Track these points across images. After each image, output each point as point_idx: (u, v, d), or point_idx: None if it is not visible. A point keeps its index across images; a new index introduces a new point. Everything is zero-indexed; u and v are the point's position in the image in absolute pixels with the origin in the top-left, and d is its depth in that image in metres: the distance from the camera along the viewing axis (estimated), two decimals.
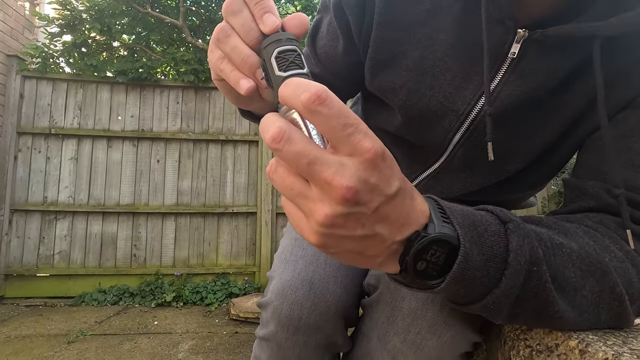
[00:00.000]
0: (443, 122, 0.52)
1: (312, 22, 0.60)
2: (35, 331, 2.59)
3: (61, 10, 3.65)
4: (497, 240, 0.32)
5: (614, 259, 0.36)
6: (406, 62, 0.51)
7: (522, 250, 0.32)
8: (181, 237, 3.58)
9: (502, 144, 0.50)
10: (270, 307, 0.58)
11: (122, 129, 3.59)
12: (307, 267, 0.59)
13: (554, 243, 0.34)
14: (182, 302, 3.28)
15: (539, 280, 0.33)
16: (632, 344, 0.38)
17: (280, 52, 0.31)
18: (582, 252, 0.35)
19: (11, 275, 3.30)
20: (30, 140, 3.44)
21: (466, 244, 0.31)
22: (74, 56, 3.73)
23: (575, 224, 0.40)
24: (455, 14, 0.46)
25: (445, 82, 0.49)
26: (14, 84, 3.41)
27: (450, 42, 0.47)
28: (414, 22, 0.49)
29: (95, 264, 3.43)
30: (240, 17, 0.34)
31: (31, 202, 3.39)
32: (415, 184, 0.64)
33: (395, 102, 0.54)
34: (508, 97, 0.46)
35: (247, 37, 0.34)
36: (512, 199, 0.68)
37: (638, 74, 0.42)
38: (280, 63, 0.31)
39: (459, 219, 0.32)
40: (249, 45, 0.34)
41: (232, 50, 0.34)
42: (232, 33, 0.34)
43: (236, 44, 0.34)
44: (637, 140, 0.41)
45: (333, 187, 0.25)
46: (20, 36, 3.74)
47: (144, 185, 3.58)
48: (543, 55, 0.44)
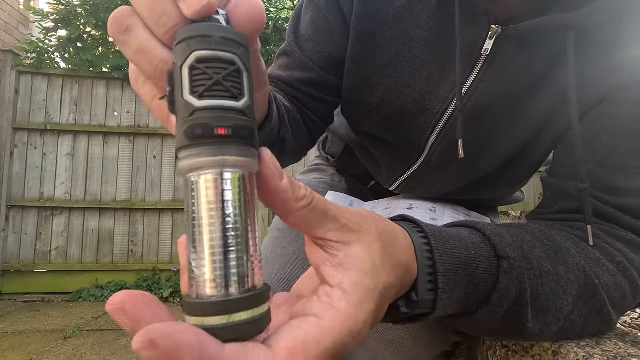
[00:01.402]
0: (419, 121, 0.51)
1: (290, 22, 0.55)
2: (32, 327, 2.60)
3: (56, 5, 3.62)
4: (487, 278, 0.31)
5: (605, 274, 0.36)
6: (382, 59, 0.49)
7: (508, 293, 0.31)
8: (178, 232, 3.58)
9: (477, 142, 0.50)
10: None
11: (118, 124, 3.57)
12: (286, 266, 0.59)
13: (543, 271, 0.33)
14: (179, 297, 3.28)
15: (519, 319, 0.33)
16: (604, 345, 0.37)
17: (200, 60, 0.18)
18: (572, 276, 0.34)
19: (8, 271, 3.31)
20: (26, 136, 3.43)
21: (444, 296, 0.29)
22: (70, 51, 3.70)
23: (565, 234, 0.39)
24: (431, 10, 0.45)
25: (422, 80, 0.48)
26: (9, 79, 3.40)
27: (426, 39, 0.46)
28: (390, 18, 0.47)
29: (92, 259, 3.44)
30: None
31: (28, 198, 3.39)
32: (396, 185, 0.64)
33: (373, 100, 0.52)
34: (484, 94, 0.45)
35: (159, 27, 0.20)
36: (493, 197, 0.68)
37: (609, 72, 0.41)
38: (196, 79, 0.18)
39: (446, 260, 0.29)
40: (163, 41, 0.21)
41: (138, 54, 0.21)
42: (135, 23, 0.21)
43: (143, 42, 0.21)
44: (611, 138, 0.40)
45: None
46: (15, 31, 3.71)
47: (140, 181, 3.57)
48: (517, 51, 0.43)
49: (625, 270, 0.37)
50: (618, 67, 0.40)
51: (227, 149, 0.18)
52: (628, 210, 0.39)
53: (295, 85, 0.54)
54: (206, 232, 0.18)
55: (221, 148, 0.18)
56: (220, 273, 0.18)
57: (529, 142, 0.50)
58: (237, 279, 0.18)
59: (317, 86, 0.54)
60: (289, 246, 0.62)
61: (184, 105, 0.18)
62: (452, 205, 0.65)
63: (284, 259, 0.60)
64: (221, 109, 0.18)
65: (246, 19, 0.21)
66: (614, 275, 0.36)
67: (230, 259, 0.18)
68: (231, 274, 0.18)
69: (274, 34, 4.14)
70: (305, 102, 0.55)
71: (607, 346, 0.37)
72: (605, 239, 0.38)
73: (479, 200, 0.68)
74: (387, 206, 0.69)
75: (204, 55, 0.18)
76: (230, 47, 0.19)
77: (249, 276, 0.19)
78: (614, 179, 0.39)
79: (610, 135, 0.40)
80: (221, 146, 0.18)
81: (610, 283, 0.36)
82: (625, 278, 0.37)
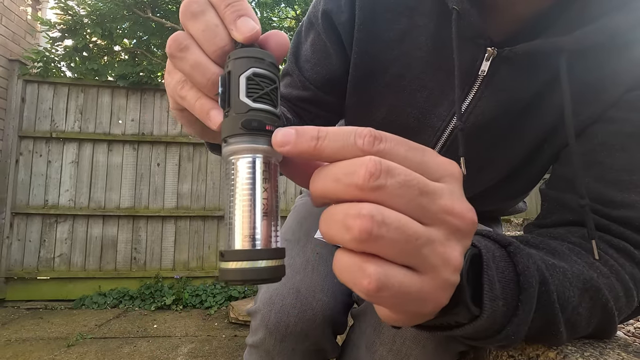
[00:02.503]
0: (421, 138, 0.53)
1: (292, 44, 0.58)
2: (35, 334, 2.60)
3: (63, 15, 3.69)
4: (505, 265, 0.30)
5: (600, 276, 0.37)
6: (384, 79, 0.52)
7: (530, 271, 0.30)
8: (181, 240, 3.59)
9: (478, 156, 0.52)
10: (258, 315, 0.59)
11: (122, 132, 3.61)
12: (294, 275, 0.60)
13: (548, 264, 0.33)
14: (181, 305, 3.29)
15: (547, 300, 0.32)
16: (607, 356, 0.38)
17: (256, 75, 0.24)
18: (575, 270, 0.35)
19: (12, 278, 3.32)
20: (32, 144, 3.47)
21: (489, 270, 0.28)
22: (75, 60, 3.76)
23: (559, 241, 0.40)
24: (430, 32, 0.47)
25: (422, 98, 0.50)
26: (16, 88, 3.44)
27: (426, 60, 0.48)
28: (391, 40, 0.49)
29: (95, 267, 3.45)
30: (203, 20, 0.25)
31: (32, 205, 3.42)
32: None
33: (376, 118, 0.55)
34: (483, 112, 0.48)
35: (211, 46, 0.26)
36: (496, 207, 0.69)
37: (605, 89, 0.42)
38: (251, 88, 0.24)
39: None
40: (213, 59, 0.26)
41: (194, 67, 0.26)
42: (191, 44, 0.26)
43: (198, 58, 0.26)
44: (607, 154, 0.41)
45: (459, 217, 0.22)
46: (22, 41, 3.77)
47: (144, 188, 3.60)
48: (513, 72, 0.45)
49: (617, 274, 0.38)
50: (611, 87, 0.42)
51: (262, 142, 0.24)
52: (623, 222, 0.40)
53: (294, 101, 0.58)
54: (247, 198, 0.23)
55: (268, 140, 0.24)
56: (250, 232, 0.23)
57: (530, 157, 0.52)
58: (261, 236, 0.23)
59: (314, 104, 0.58)
60: (297, 256, 0.63)
61: (240, 104, 0.24)
62: None
63: (293, 268, 0.61)
64: (268, 112, 0.25)
65: (276, 47, 0.27)
66: (608, 278, 0.37)
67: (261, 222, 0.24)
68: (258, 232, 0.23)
69: None
70: (304, 117, 0.59)
71: (611, 356, 0.38)
72: (598, 245, 0.39)
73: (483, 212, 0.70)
74: None
75: (258, 72, 0.25)
76: (274, 70, 0.26)
77: (271, 237, 0.24)
78: (610, 193, 0.41)
79: (606, 151, 0.42)
80: (268, 138, 0.24)
81: (607, 284, 0.37)
82: (618, 281, 0.38)
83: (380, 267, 0.20)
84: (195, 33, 0.26)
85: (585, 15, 0.39)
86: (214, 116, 0.26)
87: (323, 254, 0.65)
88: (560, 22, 0.41)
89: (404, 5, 0.48)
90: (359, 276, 0.20)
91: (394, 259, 0.20)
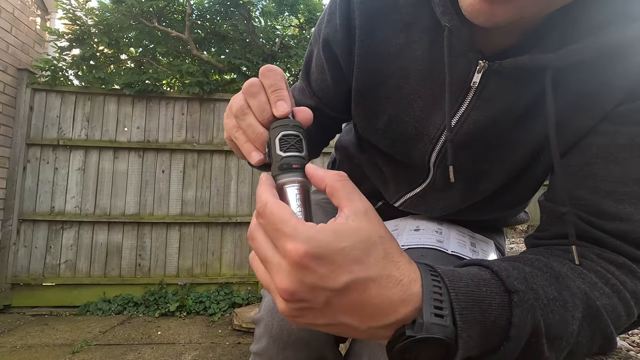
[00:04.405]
0: (419, 145, 0.55)
1: (305, 54, 0.65)
2: (41, 341, 2.62)
3: (71, 25, 3.76)
4: (501, 313, 0.32)
5: (602, 296, 0.37)
6: (385, 92, 0.54)
7: (525, 326, 0.32)
8: (185, 246, 3.61)
9: (474, 166, 0.53)
10: (262, 323, 0.60)
11: (128, 139, 3.65)
12: None
13: (550, 298, 0.35)
14: (185, 312, 3.29)
15: (535, 349, 0.34)
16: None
17: (284, 135, 0.38)
18: (576, 299, 0.36)
19: (18, 285, 3.35)
20: (39, 152, 3.51)
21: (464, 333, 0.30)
22: (83, 69, 3.82)
23: (561, 259, 0.40)
24: (425, 47, 0.50)
25: (418, 108, 0.53)
26: (24, 96, 3.50)
27: (422, 72, 0.51)
28: (390, 55, 0.52)
29: (100, 273, 3.47)
30: (257, 99, 0.40)
31: (39, 212, 3.45)
32: (401, 202, 0.67)
33: (379, 126, 0.57)
34: (475, 122, 0.49)
35: (261, 116, 0.40)
36: (495, 218, 0.70)
37: (597, 101, 0.43)
38: (282, 144, 0.37)
39: (462, 299, 0.31)
40: (262, 123, 0.40)
41: (248, 127, 0.40)
42: (248, 112, 0.40)
43: (252, 122, 0.40)
44: (600, 167, 0.42)
45: (276, 288, 0.30)
46: (31, 50, 3.84)
47: (149, 195, 3.62)
48: (504, 84, 0.46)
49: (619, 292, 0.38)
50: (603, 99, 0.43)
51: (297, 175, 0.37)
52: (618, 235, 0.40)
53: None
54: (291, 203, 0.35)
55: (295, 174, 0.36)
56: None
57: (525, 168, 0.52)
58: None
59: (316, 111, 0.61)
60: None
61: (277, 155, 0.37)
62: (457, 228, 0.68)
63: None
64: (295, 157, 0.37)
65: (302, 118, 0.41)
66: (610, 297, 0.37)
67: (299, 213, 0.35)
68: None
69: (280, 50, 4.23)
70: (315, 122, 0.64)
71: None
72: (598, 263, 0.40)
73: (483, 222, 0.70)
74: (394, 227, 0.71)
75: (285, 133, 0.38)
76: (297, 129, 0.38)
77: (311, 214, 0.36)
78: (605, 205, 0.41)
79: (601, 163, 0.42)
80: (295, 174, 0.36)
81: (608, 305, 0.37)
82: (620, 300, 0.38)
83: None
84: (251, 105, 0.40)
85: (575, 32, 0.40)
86: (253, 156, 0.41)
87: None
88: (549, 39, 0.42)
89: (402, 22, 0.51)
90: None
91: None
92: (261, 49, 4.13)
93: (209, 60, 4.01)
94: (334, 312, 0.30)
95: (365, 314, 0.29)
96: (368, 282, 0.29)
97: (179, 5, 4.10)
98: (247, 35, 4.13)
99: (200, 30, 4.28)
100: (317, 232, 0.29)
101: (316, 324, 0.31)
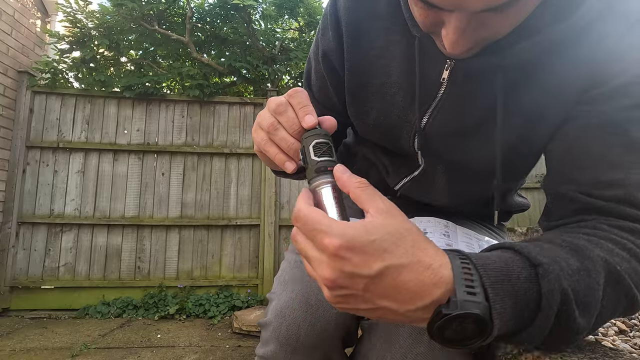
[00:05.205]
0: (404, 133, 0.60)
1: (305, 69, 0.71)
2: (40, 344, 2.61)
3: (71, 28, 3.76)
4: (530, 286, 0.35)
5: (622, 261, 0.39)
6: (371, 89, 0.60)
7: (554, 295, 0.34)
8: (185, 249, 3.60)
9: (454, 153, 0.58)
10: (270, 327, 0.60)
11: (128, 142, 3.65)
12: (305, 288, 0.61)
13: (573, 269, 0.36)
14: (185, 314, 3.28)
15: (567, 317, 0.36)
16: None
17: (317, 143, 0.44)
18: (598, 267, 0.37)
19: (16, 287, 3.33)
20: (39, 154, 3.51)
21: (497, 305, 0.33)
22: (83, 71, 3.82)
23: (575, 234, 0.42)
24: (403, 47, 0.56)
25: (399, 98, 0.58)
26: (24, 99, 3.50)
27: (402, 68, 0.57)
28: (374, 56, 0.59)
29: (99, 276, 3.46)
30: (286, 115, 0.46)
31: (38, 214, 3.45)
32: (400, 186, 0.70)
33: (369, 122, 0.62)
34: (447, 112, 0.55)
35: (291, 129, 0.46)
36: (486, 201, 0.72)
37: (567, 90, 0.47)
38: (315, 150, 0.43)
39: (491, 275, 0.34)
40: (292, 135, 0.46)
41: (281, 140, 0.46)
42: (279, 127, 0.46)
43: (284, 135, 0.46)
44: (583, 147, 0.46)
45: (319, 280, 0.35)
46: (31, 53, 3.84)
47: (148, 197, 3.62)
48: (471, 80, 0.52)
49: (636, 256, 0.40)
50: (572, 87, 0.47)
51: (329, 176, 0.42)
52: (619, 200, 0.43)
53: None
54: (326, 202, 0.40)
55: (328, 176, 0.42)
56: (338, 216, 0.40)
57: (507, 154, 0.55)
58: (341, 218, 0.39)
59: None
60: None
61: (312, 161, 0.43)
62: (462, 230, 0.68)
63: (303, 281, 0.62)
64: (327, 161, 0.43)
65: (328, 126, 0.46)
66: (629, 261, 0.39)
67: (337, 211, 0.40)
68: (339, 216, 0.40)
69: (280, 53, 4.25)
70: None
71: None
72: (611, 231, 0.42)
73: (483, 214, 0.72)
74: None
75: (317, 141, 0.44)
76: (325, 137, 0.44)
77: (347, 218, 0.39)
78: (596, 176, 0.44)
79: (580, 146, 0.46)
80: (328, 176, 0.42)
81: (628, 269, 0.38)
82: (638, 262, 0.40)
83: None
84: (281, 121, 0.46)
85: (524, 30, 0.44)
86: (287, 166, 0.47)
87: None
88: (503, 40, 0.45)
89: (381, 27, 0.58)
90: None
91: None
92: (261, 51, 4.14)
93: (209, 63, 4.02)
94: (373, 297, 0.33)
95: (401, 297, 0.33)
96: (400, 268, 0.32)
97: (180, 8, 4.11)
98: (247, 38, 4.15)
99: (200, 33, 4.29)
100: (349, 227, 0.33)
101: (359, 309, 0.35)
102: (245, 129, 3.85)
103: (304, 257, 0.36)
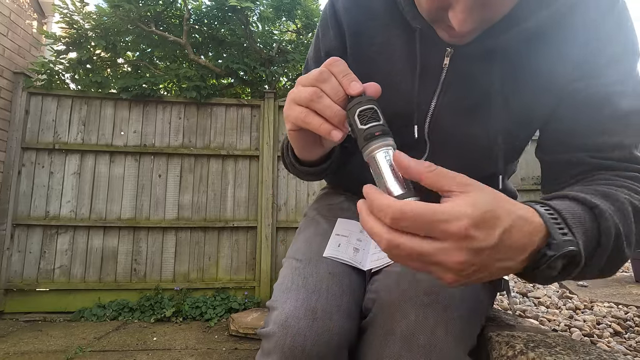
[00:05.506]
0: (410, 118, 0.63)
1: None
2: (34, 347, 2.58)
3: (68, 29, 3.75)
4: (593, 225, 0.41)
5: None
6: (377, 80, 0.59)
7: (610, 231, 0.41)
8: (181, 251, 3.59)
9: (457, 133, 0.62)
10: (273, 338, 0.57)
11: (124, 144, 3.64)
12: (310, 296, 0.59)
13: (612, 209, 0.43)
14: (181, 317, 3.27)
15: (618, 248, 0.42)
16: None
17: (361, 111, 0.42)
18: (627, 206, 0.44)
19: (11, 290, 3.30)
20: (34, 155, 3.49)
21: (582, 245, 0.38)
22: (79, 72, 3.80)
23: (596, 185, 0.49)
24: (403, 40, 0.60)
25: (406, 87, 0.62)
26: (20, 100, 3.48)
27: (404, 59, 0.61)
28: (375, 52, 0.62)
29: (95, 278, 3.44)
30: (329, 83, 0.45)
31: (33, 216, 3.42)
32: None
33: None
34: (453, 93, 0.60)
35: (336, 97, 0.44)
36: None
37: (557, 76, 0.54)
38: (361, 118, 0.42)
39: (569, 217, 0.39)
40: (337, 103, 0.44)
41: (326, 107, 0.44)
42: (323, 95, 0.44)
43: (328, 103, 0.44)
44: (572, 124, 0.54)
45: (448, 266, 0.35)
46: (27, 54, 3.82)
47: (145, 199, 3.61)
48: (471, 65, 0.57)
49: None
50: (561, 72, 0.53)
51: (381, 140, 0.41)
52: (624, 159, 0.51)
53: None
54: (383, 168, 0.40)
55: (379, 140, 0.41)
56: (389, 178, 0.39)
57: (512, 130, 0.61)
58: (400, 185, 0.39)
59: None
60: (310, 277, 0.63)
61: (359, 129, 0.42)
62: None
63: (307, 289, 0.60)
64: (375, 126, 0.41)
65: (372, 92, 0.45)
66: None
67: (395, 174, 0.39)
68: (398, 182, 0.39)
69: (278, 55, 4.25)
70: None
71: None
72: (624, 181, 0.49)
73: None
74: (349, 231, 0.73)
75: (362, 108, 0.42)
76: (370, 104, 0.43)
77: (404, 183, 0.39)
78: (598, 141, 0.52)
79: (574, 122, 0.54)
80: (378, 140, 0.41)
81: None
82: None
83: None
84: (325, 89, 0.44)
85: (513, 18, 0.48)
86: (334, 134, 0.44)
87: (336, 273, 0.64)
88: (496, 27, 0.50)
89: (380, 24, 0.62)
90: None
91: None
92: (258, 53, 4.14)
93: (207, 64, 4.01)
94: (493, 262, 0.36)
95: (516, 253, 0.36)
96: (510, 229, 0.35)
97: (177, 9, 4.11)
98: (245, 40, 4.15)
99: (197, 35, 4.28)
100: (461, 207, 0.34)
101: (481, 278, 0.37)
102: (242, 131, 3.84)
103: (418, 256, 0.35)
